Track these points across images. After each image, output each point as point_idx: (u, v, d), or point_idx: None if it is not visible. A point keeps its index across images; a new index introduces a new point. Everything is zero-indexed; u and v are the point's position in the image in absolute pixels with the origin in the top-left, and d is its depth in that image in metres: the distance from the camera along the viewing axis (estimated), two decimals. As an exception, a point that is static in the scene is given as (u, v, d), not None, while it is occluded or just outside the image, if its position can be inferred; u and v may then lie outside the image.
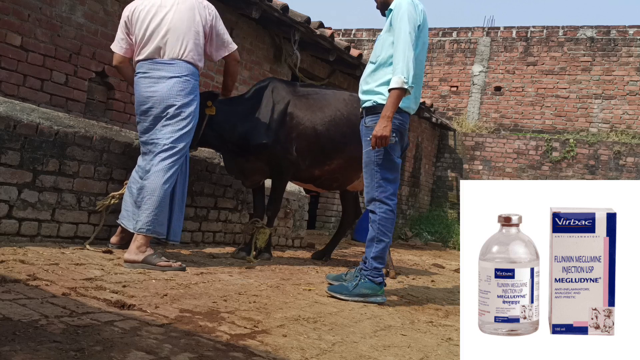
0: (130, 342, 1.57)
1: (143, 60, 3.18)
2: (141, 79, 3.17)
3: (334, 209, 8.12)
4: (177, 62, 3.15)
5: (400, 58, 2.85)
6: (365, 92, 3.08)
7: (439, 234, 9.65)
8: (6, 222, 2.88)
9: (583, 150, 10.18)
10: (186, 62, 3.16)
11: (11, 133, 2.88)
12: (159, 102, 3.10)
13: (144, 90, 3.14)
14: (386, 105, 2.87)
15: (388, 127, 2.85)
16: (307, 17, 5.97)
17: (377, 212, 2.98)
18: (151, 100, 3.11)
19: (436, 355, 2.06)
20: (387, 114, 2.86)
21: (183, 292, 2.43)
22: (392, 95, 2.85)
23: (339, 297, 2.88)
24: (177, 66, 3.14)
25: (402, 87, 2.82)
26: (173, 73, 3.13)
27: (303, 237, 5.27)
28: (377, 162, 2.99)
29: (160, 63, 3.15)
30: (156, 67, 3.15)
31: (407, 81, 2.82)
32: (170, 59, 3.15)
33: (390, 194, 3.00)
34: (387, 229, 2.97)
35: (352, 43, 12.35)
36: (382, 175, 2.99)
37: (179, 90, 3.12)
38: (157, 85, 3.11)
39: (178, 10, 3.19)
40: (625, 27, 11.22)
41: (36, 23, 4.06)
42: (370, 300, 2.90)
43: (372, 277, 2.94)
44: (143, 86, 3.15)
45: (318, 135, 4.01)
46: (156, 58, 3.16)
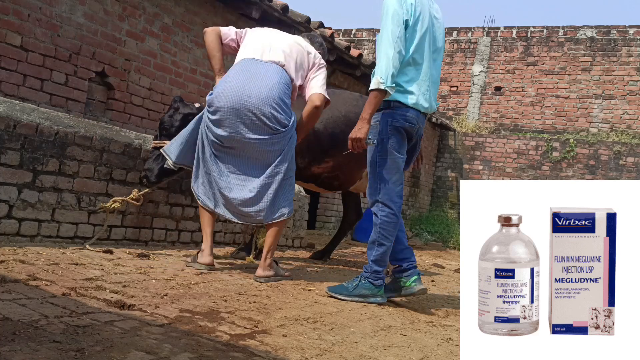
0: (130, 342, 1.57)
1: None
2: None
3: (334, 209, 8.12)
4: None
5: (378, 58, 2.80)
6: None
7: (439, 234, 9.64)
8: (6, 222, 2.87)
9: (583, 150, 10.18)
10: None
11: (11, 133, 2.88)
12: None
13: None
14: (364, 106, 2.82)
15: (363, 129, 2.79)
16: (307, 17, 5.98)
17: (379, 216, 2.90)
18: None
19: (436, 355, 2.06)
20: (364, 116, 2.80)
21: (183, 292, 2.43)
22: (370, 97, 2.79)
23: (339, 297, 2.86)
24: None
25: (379, 88, 2.75)
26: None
27: (303, 237, 5.27)
28: (378, 162, 2.92)
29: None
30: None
31: (383, 81, 2.73)
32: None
33: (392, 196, 2.91)
34: (388, 232, 2.89)
35: (352, 43, 12.35)
36: (382, 175, 2.90)
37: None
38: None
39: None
40: (625, 27, 11.22)
41: (36, 23, 4.06)
42: (370, 301, 2.87)
43: (372, 280, 2.90)
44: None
45: (317, 133, 4.03)
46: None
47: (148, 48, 4.99)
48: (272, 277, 3.13)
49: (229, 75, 3.15)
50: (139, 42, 4.91)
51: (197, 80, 5.54)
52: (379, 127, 2.92)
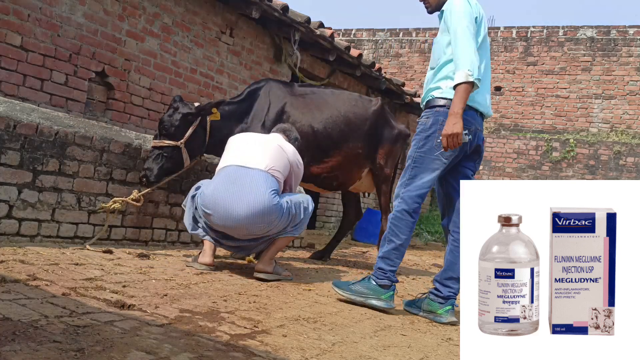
0: (130, 342, 1.57)
1: None
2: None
3: (334, 209, 8.12)
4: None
5: (460, 51, 2.62)
6: (425, 92, 2.89)
7: (439, 234, 9.63)
8: (6, 222, 2.87)
9: (583, 150, 10.18)
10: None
11: (11, 133, 2.88)
12: None
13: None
14: (453, 101, 2.60)
15: (458, 124, 2.56)
16: (307, 17, 5.98)
17: (394, 211, 2.78)
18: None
19: (436, 355, 2.06)
20: (456, 110, 2.58)
21: (183, 292, 2.43)
22: (458, 91, 2.58)
23: (337, 290, 2.78)
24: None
25: (468, 80, 2.56)
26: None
27: (303, 237, 5.27)
28: (416, 158, 2.75)
29: None
30: None
31: (472, 73, 2.56)
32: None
33: (415, 195, 2.75)
34: (399, 229, 2.74)
35: (352, 43, 12.35)
36: (414, 173, 2.75)
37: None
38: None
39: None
40: (625, 27, 11.22)
41: (36, 23, 4.06)
42: (368, 303, 2.71)
43: (375, 276, 2.76)
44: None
45: (315, 133, 4.05)
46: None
47: (148, 48, 4.99)
48: (271, 273, 3.14)
49: (217, 185, 3.10)
50: (139, 42, 4.91)
51: (197, 80, 5.54)
52: (429, 124, 2.77)
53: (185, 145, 3.60)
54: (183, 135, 3.59)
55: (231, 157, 3.23)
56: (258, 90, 4.06)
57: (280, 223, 3.10)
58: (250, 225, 3.03)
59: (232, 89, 5.90)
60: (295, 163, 3.32)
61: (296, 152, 3.37)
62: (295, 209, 3.17)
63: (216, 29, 5.71)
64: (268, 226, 3.08)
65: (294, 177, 3.34)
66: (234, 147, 3.29)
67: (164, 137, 3.55)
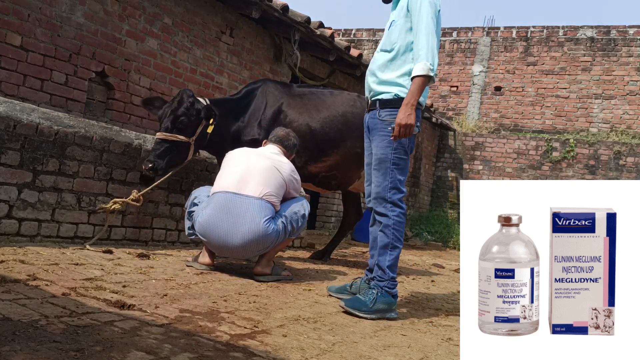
0: (130, 342, 1.57)
1: None
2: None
3: (334, 209, 8.12)
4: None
5: (423, 44, 2.63)
6: (383, 83, 2.79)
7: (439, 234, 9.64)
8: (6, 222, 2.87)
9: (583, 150, 10.17)
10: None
11: (11, 133, 2.88)
12: None
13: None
14: (410, 92, 2.63)
15: (412, 115, 2.60)
16: (307, 17, 5.97)
17: (390, 216, 2.72)
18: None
19: (436, 355, 2.06)
20: (412, 102, 2.61)
21: (183, 292, 2.43)
22: (416, 83, 2.61)
23: (359, 314, 2.56)
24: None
25: (428, 75, 2.60)
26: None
27: (303, 237, 5.27)
28: (395, 161, 2.74)
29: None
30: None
31: (432, 68, 2.60)
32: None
33: (402, 196, 2.77)
34: (401, 234, 2.75)
35: (352, 43, 12.35)
36: (397, 175, 2.75)
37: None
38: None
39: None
40: (625, 27, 11.22)
41: (36, 23, 4.06)
42: (387, 317, 2.62)
43: (389, 287, 2.68)
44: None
45: (313, 133, 4.07)
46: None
47: (148, 48, 4.99)
48: (270, 274, 3.15)
49: (211, 214, 3.07)
50: (139, 42, 4.91)
51: (197, 81, 5.54)
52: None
53: (194, 142, 3.63)
54: (194, 132, 3.63)
55: (226, 182, 3.15)
56: (255, 89, 4.09)
57: (277, 241, 3.16)
58: (246, 252, 3.12)
59: (232, 89, 5.90)
60: (290, 181, 3.27)
61: (292, 169, 3.32)
62: (291, 224, 3.19)
63: (216, 29, 5.71)
64: (265, 249, 3.14)
65: (292, 190, 3.32)
66: (230, 170, 3.20)
67: (176, 130, 3.55)
